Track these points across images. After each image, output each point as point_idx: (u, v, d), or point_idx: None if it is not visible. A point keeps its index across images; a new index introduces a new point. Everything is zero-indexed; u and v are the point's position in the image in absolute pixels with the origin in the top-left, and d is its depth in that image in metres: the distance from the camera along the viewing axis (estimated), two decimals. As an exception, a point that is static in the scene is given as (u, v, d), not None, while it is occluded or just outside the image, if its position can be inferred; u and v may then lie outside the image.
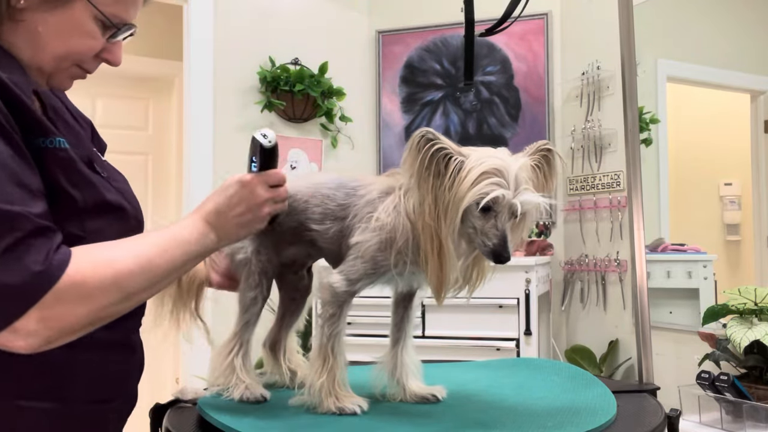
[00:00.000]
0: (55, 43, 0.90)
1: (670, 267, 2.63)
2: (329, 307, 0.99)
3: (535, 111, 3.15)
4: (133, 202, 1.02)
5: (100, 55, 0.95)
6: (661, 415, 1.01)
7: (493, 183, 0.87)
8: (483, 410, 1.00)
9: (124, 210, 0.96)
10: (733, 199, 2.52)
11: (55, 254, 0.79)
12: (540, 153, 0.95)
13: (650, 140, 2.70)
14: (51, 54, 0.90)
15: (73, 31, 0.90)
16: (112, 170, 1.05)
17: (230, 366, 1.07)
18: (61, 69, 0.93)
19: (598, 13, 2.94)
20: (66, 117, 1.04)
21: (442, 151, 0.90)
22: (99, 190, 0.91)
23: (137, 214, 1.01)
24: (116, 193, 0.97)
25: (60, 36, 0.90)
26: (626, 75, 1.37)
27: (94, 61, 0.96)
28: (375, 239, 0.97)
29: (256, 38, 3.17)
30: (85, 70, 0.96)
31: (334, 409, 0.96)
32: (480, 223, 0.89)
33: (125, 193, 1.01)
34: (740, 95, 2.55)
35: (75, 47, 0.91)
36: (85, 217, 0.90)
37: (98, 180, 0.93)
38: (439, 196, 0.90)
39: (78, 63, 0.94)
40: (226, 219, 0.96)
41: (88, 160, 0.96)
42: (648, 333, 1.31)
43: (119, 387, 0.99)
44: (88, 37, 0.91)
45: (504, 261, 0.89)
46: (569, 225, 3.10)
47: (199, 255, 0.94)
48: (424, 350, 1.20)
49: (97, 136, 1.15)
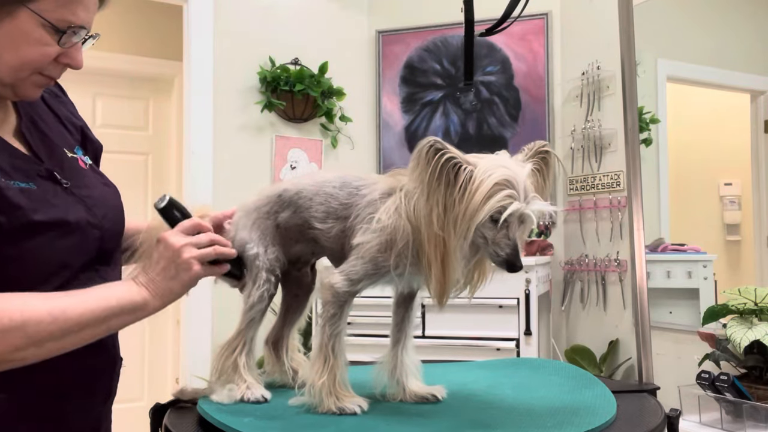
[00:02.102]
0: (7, 54, 0.91)
1: (670, 267, 2.63)
2: (330, 307, 0.99)
3: (535, 111, 3.15)
4: (98, 208, 1.04)
5: (59, 60, 0.96)
6: (661, 415, 1.01)
7: (508, 195, 0.87)
8: (483, 410, 1.00)
9: (68, 224, 0.98)
10: (733, 199, 2.52)
11: None
12: (539, 155, 0.95)
13: (650, 140, 2.70)
14: (6, 65, 0.92)
15: (22, 40, 0.91)
16: (87, 175, 1.08)
17: (234, 364, 1.06)
18: (21, 79, 0.95)
19: (598, 13, 2.94)
20: (42, 127, 1.06)
21: (452, 160, 0.89)
22: (25, 212, 0.93)
23: (99, 221, 1.03)
24: (67, 204, 0.99)
25: (10, 47, 0.91)
26: (626, 75, 1.37)
27: (55, 67, 0.97)
28: (375, 240, 0.97)
29: (256, 38, 3.17)
30: (48, 76, 0.98)
31: (335, 408, 0.96)
32: (491, 233, 0.89)
33: (89, 200, 1.03)
34: (740, 95, 2.55)
35: (27, 56, 0.92)
36: (15, 238, 0.92)
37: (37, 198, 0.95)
38: (448, 207, 0.89)
39: (37, 71, 0.95)
40: (152, 275, 0.99)
41: (47, 173, 0.99)
42: (648, 333, 1.31)
43: (79, 383, 1.03)
44: (38, 44, 0.92)
45: (517, 270, 0.90)
46: (569, 225, 3.10)
47: (126, 311, 0.97)
48: (424, 350, 1.20)
49: (89, 139, 1.17)
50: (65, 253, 0.98)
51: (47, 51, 0.93)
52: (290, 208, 1.08)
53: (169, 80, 4.14)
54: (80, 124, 1.17)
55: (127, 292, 0.97)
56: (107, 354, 1.08)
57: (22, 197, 0.94)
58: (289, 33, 3.24)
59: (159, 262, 1.00)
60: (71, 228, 0.98)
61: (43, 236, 0.95)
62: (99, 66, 3.68)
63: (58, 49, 0.94)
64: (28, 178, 0.97)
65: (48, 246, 0.95)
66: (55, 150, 1.06)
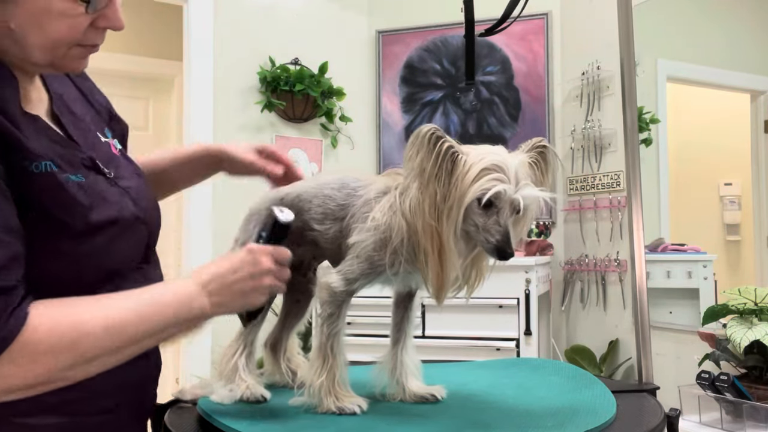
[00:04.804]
0: (34, 35, 0.81)
1: (670, 267, 2.63)
2: (328, 306, 0.99)
3: (535, 111, 3.15)
4: (141, 201, 0.96)
5: (95, 24, 0.84)
6: (661, 415, 1.01)
7: (494, 179, 0.87)
8: (483, 410, 1.00)
9: (121, 221, 0.89)
10: (733, 199, 2.52)
11: (11, 316, 0.75)
12: (536, 150, 0.95)
13: (650, 140, 2.70)
14: (37, 47, 0.82)
15: (45, 17, 0.80)
16: (121, 163, 0.99)
17: (234, 367, 1.07)
18: (59, 56, 0.84)
19: (598, 13, 2.94)
20: (75, 108, 0.97)
21: (452, 149, 0.90)
22: (86, 212, 0.85)
23: (145, 215, 0.95)
24: (117, 199, 0.91)
25: (35, 26, 0.80)
26: (626, 75, 1.37)
27: (94, 33, 0.85)
28: (371, 239, 0.97)
29: (256, 38, 3.17)
30: (90, 46, 0.87)
31: (334, 408, 0.96)
32: (482, 219, 0.89)
33: (132, 192, 0.95)
34: (740, 95, 2.55)
35: (55, 33, 0.81)
36: (79, 239, 0.85)
37: (92, 193, 0.87)
38: (443, 194, 0.89)
39: (74, 44, 0.84)
40: (225, 283, 0.90)
41: (91, 162, 0.91)
42: (648, 333, 1.31)
43: (130, 394, 0.98)
44: (63, 17, 0.80)
45: (508, 257, 0.89)
46: (569, 225, 3.10)
47: (183, 322, 0.88)
48: (424, 350, 1.20)
49: (116, 119, 1.09)
50: (121, 254, 0.90)
51: (75, 23, 0.82)
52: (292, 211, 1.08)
53: (169, 80, 4.14)
54: (105, 102, 1.08)
55: (188, 302, 0.88)
56: (151, 361, 1.03)
57: (80, 192, 0.85)
58: (289, 33, 3.24)
59: (241, 270, 0.91)
60: (125, 225, 0.90)
61: (102, 236, 0.87)
62: (99, 66, 3.67)
63: (88, 17, 0.82)
64: (75, 168, 0.88)
65: (105, 246, 0.87)
66: (89, 134, 0.96)
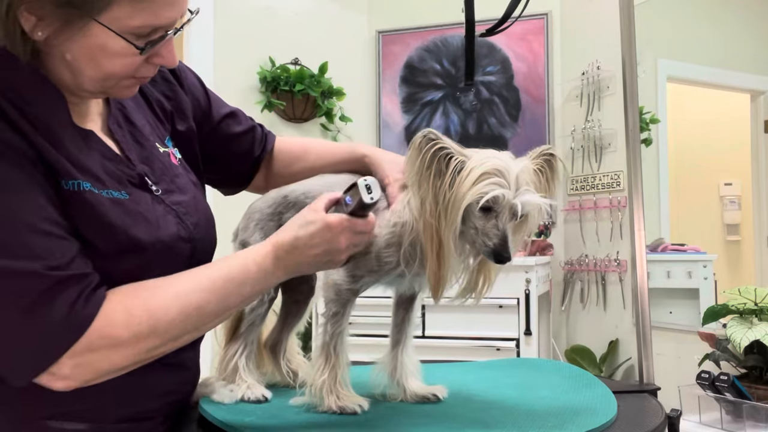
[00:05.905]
0: (87, 67, 0.83)
1: (670, 267, 2.63)
2: (332, 305, 0.99)
3: (535, 111, 3.15)
4: (189, 217, 0.96)
5: (150, 61, 0.86)
6: (662, 416, 1.01)
7: (494, 183, 0.88)
8: (483, 410, 1.00)
9: (157, 244, 0.89)
10: (733, 199, 2.52)
11: (86, 304, 0.79)
12: (543, 157, 0.95)
13: (650, 140, 2.70)
14: (88, 78, 0.85)
15: (101, 54, 0.82)
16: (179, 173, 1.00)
17: (234, 366, 1.07)
18: (109, 87, 0.87)
19: (598, 13, 2.94)
20: (135, 117, 0.98)
21: (443, 150, 0.90)
22: (118, 231, 0.85)
23: (190, 233, 0.95)
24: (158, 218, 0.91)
25: (90, 61, 0.83)
26: (626, 75, 1.37)
27: (146, 68, 0.88)
28: (386, 234, 0.97)
29: (256, 38, 3.17)
30: (141, 78, 0.89)
31: (335, 408, 0.96)
32: (481, 223, 0.90)
33: (181, 208, 0.96)
34: (740, 95, 2.55)
35: (109, 69, 0.84)
36: (110, 262, 0.85)
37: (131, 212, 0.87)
38: (439, 195, 0.90)
39: (126, 78, 0.87)
40: (301, 255, 0.90)
41: (139, 179, 0.92)
42: (648, 333, 1.31)
43: (161, 404, 0.97)
44: (118, 57, 0.82)
45: (504, 261, 0.89)
46: (569, 225, 3.10)
47: (257, 294, 0.93)
48: (424, 350, 1.20)
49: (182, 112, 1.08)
50: (153, 275, 0.89)
51: (128, 62, 0.84)
52: (296, 209, 1.07)
53: (169, 80, 4.14)
54: (170, 108, 1.07)
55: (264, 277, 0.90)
56: (190, 373, 1.04)
57: (115, 211, 0.86)
58: (289, 33, 3.24)
59: (319, 246, 0.90)
60: (161, 247, 0.90)
61: (134, 258, 0.87)
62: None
63: (141, 58, 0.84)
64: (121, 185, 0.89)
65: (139, 268, 0.87)
66: (146, 145, 0.97)
